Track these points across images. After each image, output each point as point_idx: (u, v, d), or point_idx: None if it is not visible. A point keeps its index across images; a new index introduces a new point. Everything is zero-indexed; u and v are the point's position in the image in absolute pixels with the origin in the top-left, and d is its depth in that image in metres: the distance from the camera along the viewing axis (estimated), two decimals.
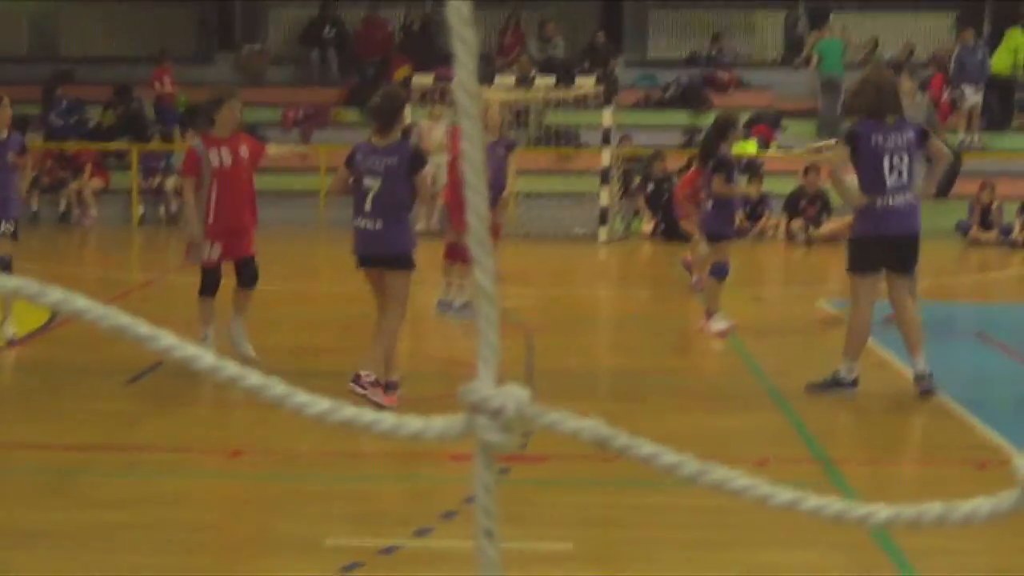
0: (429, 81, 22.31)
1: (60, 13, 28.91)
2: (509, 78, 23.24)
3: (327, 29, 27.55)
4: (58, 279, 1.47)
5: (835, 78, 25.99)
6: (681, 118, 26.45)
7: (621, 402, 10.10)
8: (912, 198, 10.11)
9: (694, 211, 14.80)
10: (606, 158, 22.30)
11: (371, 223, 9.50)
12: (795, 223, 22.53)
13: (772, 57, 28.94)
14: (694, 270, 15.78)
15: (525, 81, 23.36)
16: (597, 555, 6.76)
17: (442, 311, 13.54)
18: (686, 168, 19.23)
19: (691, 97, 26.94)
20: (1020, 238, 22.39)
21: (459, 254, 13.24)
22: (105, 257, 21.03)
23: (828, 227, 21.86)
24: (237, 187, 10.69)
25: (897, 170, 9.98)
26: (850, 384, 10.20)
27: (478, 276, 1.41)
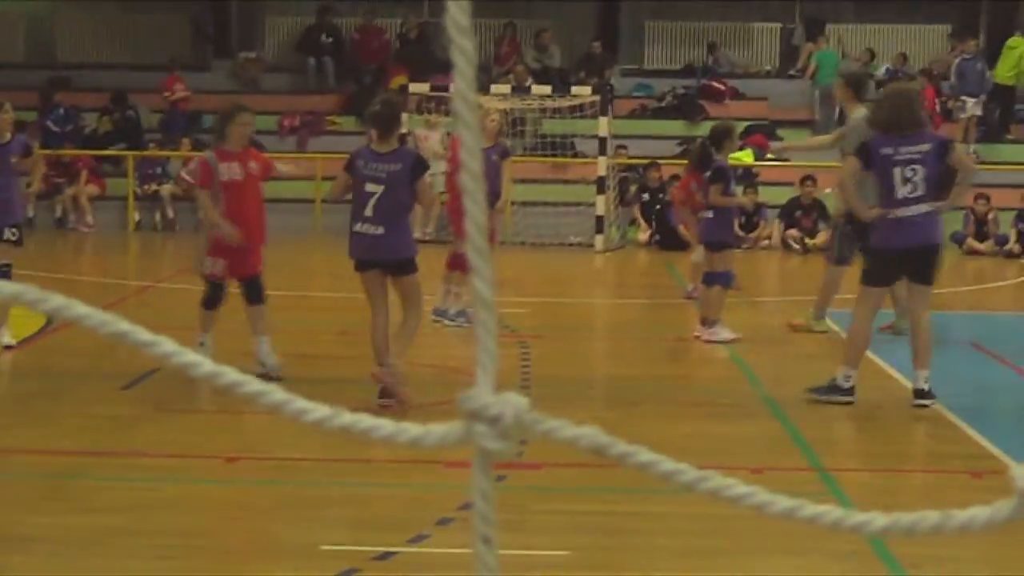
0: (425, 89, 22.29)
1: (56, 19, 28.89)
2: (505, 87, 23.23)
3: (323, 37, 27.54)
4: (54, 285, 1.47)
5: (831, 89, 25.98)
6: (677, 128, 26.44)
7: (616, 410, 10.10)
8: (930, 209, 10.05)
9: (691, 217, 14.78)
10: (602, 167, 22.29)
11: (373, 228, 9.62)
12: (791, 233, 22.52)
13: (768, 68, 28.96)
14: (689, 278, 15.76)
15: (521, 90, 23.36)
16: (593, 562, 6.76)
17: (437, 318, 13.53)
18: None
19: (687, 107, 26.93)
20: (1016, 248, 22.39)
21: (461, 263, 13.24)
22: (101, 263, 21.02)
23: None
24: (246, 202, 10.64)
25: (911, 182, 9.91)
26: (846, 392, 10.17)
27: (477, 284, 1.42)
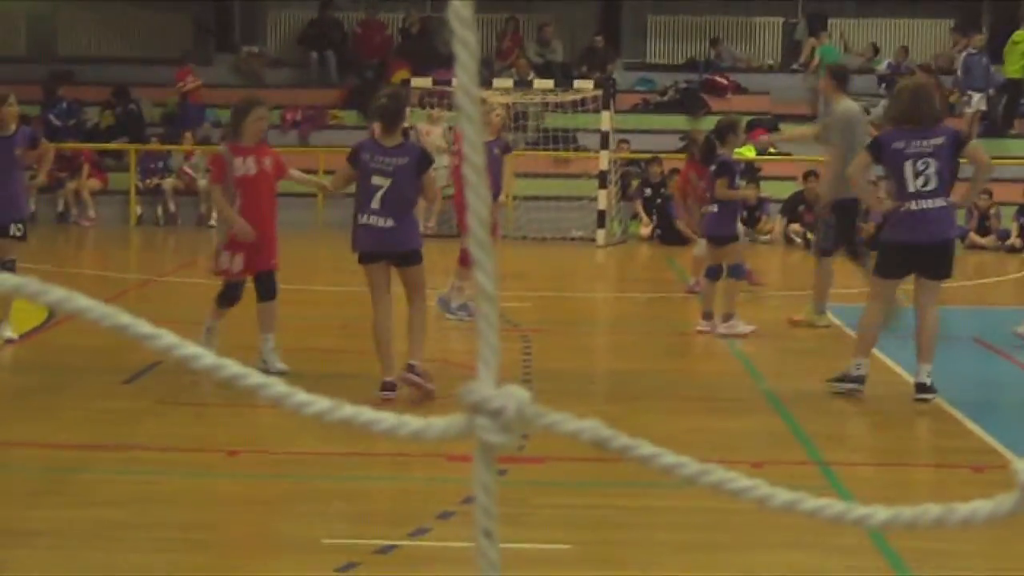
0: (427, 84, 22.29)
1: (58, 14, 28.87)
2: (507, 81, 23.22)
3: (326, 31, 27.52)
4: (56, 278, 1.47)
5: None
6: (679, 122, 26.42)
7: (618, 404, 10.09)
8: (944, 203, 9.95)
9: (693, 207, 14.76)
10: (604, 161, 22.28)
11: (381, 220, 9.72)
12: (793, 227, 22.52)
13: (770, 62, 28.93)
14: (691, 272, 15.76)
15: (523, 84, 23.35)
16: (595, 556, 6.76)
17: (441, 308, 13.47)
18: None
19: (689, 101, 26.90)
20: (1018, 243, 22.38)
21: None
22: (103, 257, 21.02)
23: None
24: (260, 197, 10.64)
25: (923, 176, 9.80)
26: (856, 379, 10.18)
27: (479, 278, 1.41)
